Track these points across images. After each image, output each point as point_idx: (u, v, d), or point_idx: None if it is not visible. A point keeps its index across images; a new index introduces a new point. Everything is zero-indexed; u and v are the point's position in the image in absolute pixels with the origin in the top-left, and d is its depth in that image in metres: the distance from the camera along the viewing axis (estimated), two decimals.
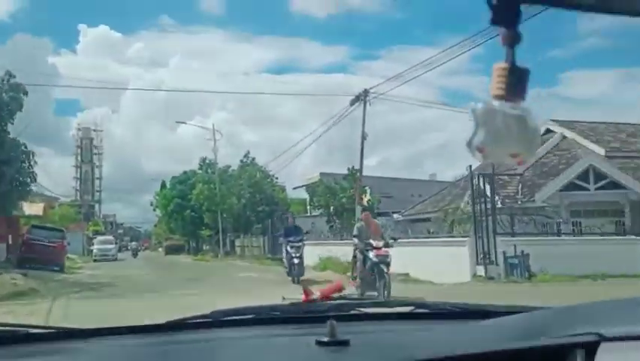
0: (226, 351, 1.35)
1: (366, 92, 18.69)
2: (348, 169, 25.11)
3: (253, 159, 35.68)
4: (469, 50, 17.83)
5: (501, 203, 20.46)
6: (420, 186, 38.55)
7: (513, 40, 0.60)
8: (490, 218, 14.66)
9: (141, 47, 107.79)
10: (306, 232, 19.76)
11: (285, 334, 1.52)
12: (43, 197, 44.26)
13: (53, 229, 24.75)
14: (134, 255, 46.87)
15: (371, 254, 9.87)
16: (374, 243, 10.00)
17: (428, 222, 27.37)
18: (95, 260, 35.67)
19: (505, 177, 24.80)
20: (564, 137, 24.96)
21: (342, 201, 24.47)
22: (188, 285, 14.49)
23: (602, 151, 22.99)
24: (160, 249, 61.81)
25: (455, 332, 1.35)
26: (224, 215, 34.76)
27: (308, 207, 40.24)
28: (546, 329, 1.00)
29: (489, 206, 15.33)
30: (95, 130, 73.37)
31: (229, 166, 37.82)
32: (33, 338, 1.46)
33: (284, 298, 1.86)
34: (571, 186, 20.61)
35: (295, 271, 14.00)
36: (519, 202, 22.77)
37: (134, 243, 60.59)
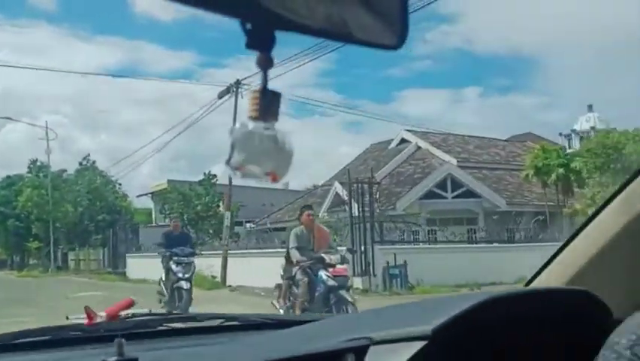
0: None
1: (238, 82, 17.11)
2: (204, 174, 23.29)
3: (94, 162, 32.18)
4: (308, 62, 18.19)
5: (360, 211, 20.33)
6: (272, 194, 37.65)
7: (267, 64, 0.64)
8: (363, 226, 13.91)
9: None
10: (202, 243, 16.88)
11: (73, 356, 1.44)
12: None
13: None
14: None
15: (324, 275, 6.97)
16: (326, 257, 7.10)
17: (283, 231, 26.46)
18: None
19: (365, 186, 24.77)
20: (419, 147, 25.50)
21: (198, 208, 22.53)
22: (10, 310, 11.81)
23: (454, 161, 23.72)
24: None
25: (247, 343, 1.37)
26: (57, 224, 30.72)
27: (154, 217, 37.50)
28: (327, 336, 1.04)
29: (354, 214, 14.63)
30: None
31: (64, 170, 33.60)
32: None
33: (68, 318, 1.72)
34: (430, 195, 20.86)
35: (182, 301, 9.50)
36: (377, 210, 22.78)
37: None
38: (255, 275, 11.00)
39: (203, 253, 17.93)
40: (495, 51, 61.81)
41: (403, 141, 26.85)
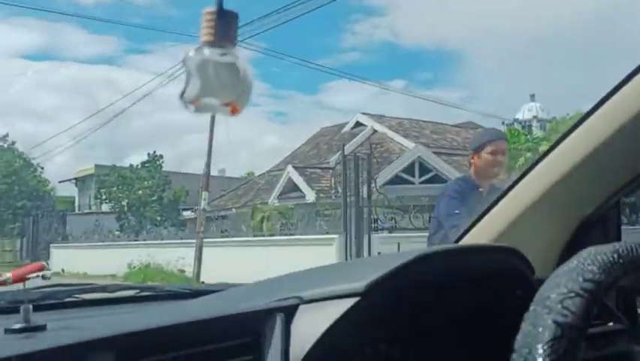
0: None
1: None
2: (149, 155, 20.79)
3: (13, 143, 28.47)
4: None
5: (315, 197, 19.26)
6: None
7: None
8: (356, 211, 12.21)
9: None
10: (149, 231, 13.49)
11: None
12: None
13: None
14: None
15: None
16: None
17: (225, 219, 24.74)
18: None
19: (319, 170, 23.30)
20: (375, 130, 24.38)
21: (139, 193, 20.00)
22: None
23: (411, 146, 22.63)
24: None
25: (165, 310, 1.33)
26: None
27: (77, 204, 34.46)
28: (255, 298, 1.00)
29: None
30: None
31: None
32: None
33: None
34: (395, 180, 19.62)
35: None
36: (332, 197, 21.53)
37: None
38: (235, 269, 9.14)
39: (168, 242, 15.32)
40: (421, 45, 62.16)
41: (358, 124, 25.66)
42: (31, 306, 1.02)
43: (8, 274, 1.52)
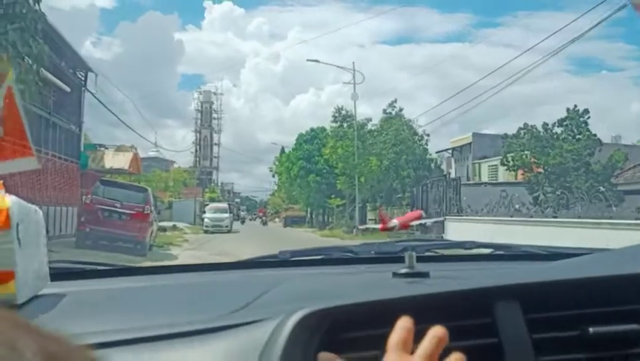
0: (296, 287, 1.22)
1: None
2: (568, 110, 16.90)
3: (401, 110, 27.93)
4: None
5: None
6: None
7: None
8: None
9: (261, 21, 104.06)
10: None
11: (358, 271, 1.46)
12: (159, 161, 41.01)
13: (132, 186, 17.10)
14: (242, 222, 47.89)
15: None
16: None
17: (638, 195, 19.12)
18: (205, 231, 29.79)
19: None
20: None
21: (557, 159, 16.24)
22: None
23: None
24: (277, 220, 56.77)
25: (545, 268, 1.19)
26: (362, 180, 27.32)
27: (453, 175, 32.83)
28: None
29: None
30: (215, 93, 68.40)
31: (369, 119, 29.81)
32: (99, 274, 1.44)
33: (357, 228, 1.86)
34: None
35: None
36: None
37: (243, 213, 61.27)
38: None
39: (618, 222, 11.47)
40: None
41: None
42: (415, 253, 1.05)
43: (395, 221, 1.90)
